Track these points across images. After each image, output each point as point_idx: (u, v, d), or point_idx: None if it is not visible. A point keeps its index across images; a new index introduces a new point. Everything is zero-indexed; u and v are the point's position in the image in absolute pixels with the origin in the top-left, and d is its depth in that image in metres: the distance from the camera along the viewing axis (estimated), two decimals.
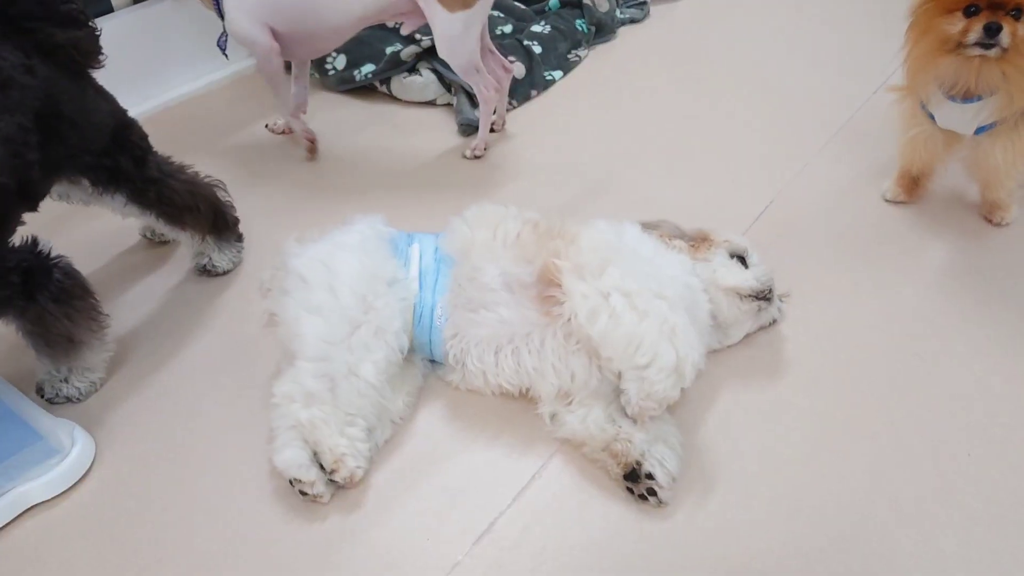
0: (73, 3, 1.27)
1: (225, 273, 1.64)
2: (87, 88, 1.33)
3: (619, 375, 1.21)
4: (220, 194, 1.60)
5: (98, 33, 1.33)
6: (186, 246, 1.60)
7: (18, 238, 1.25)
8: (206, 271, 1.63)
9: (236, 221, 1.64)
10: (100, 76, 1.38)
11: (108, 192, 1.39)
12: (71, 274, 1.30)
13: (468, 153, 2.00)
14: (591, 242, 1.29)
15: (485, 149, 2.00)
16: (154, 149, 1.46)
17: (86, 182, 1.37)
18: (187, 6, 2.18)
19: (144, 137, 1.44)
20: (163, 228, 1.51)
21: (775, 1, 2.79)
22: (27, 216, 1.26)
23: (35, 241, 1.26)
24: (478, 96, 1.93)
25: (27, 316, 1.25)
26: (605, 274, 1.22)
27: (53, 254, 1.28)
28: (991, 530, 1.15)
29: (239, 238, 1.66)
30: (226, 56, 1.99)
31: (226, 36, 1.86)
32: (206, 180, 1.57)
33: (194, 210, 1.51)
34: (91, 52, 1.31)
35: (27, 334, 1.28)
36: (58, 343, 1.31)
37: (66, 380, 1.35)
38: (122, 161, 1.37)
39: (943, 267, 1.62)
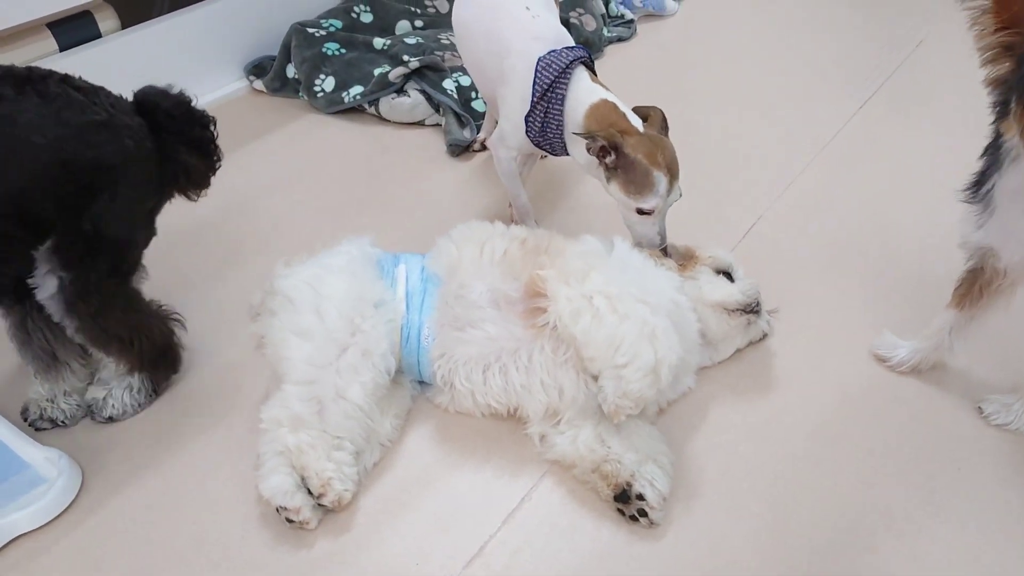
0: (209, 134, 1.30)
1: (110, 420, 1.35)
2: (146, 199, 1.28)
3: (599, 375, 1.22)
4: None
5: (213, 172, 1.35)
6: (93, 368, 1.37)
7: None
8: (90, 412, 1.36)
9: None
10: None
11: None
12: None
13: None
14: (577, 251, 1.31)
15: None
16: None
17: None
18: (172, 34, 2.19)
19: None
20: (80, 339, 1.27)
21: (762, 18, 2.81)
22: None
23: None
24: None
25: (11, 317, 1.24)
26: (589, 279, 1.24)
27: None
28: (980, 541, 1.15)
29: (168, 376, 1.42)
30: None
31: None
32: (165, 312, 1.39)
33: (128, 341, 1.30)
34: (202, 178, 1.33)
35: (12, 337, 1.27)
36: (40, 357, 1.29)
37: (52, 400, 1.34)
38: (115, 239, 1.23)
39: (934, 280, 1.62)
